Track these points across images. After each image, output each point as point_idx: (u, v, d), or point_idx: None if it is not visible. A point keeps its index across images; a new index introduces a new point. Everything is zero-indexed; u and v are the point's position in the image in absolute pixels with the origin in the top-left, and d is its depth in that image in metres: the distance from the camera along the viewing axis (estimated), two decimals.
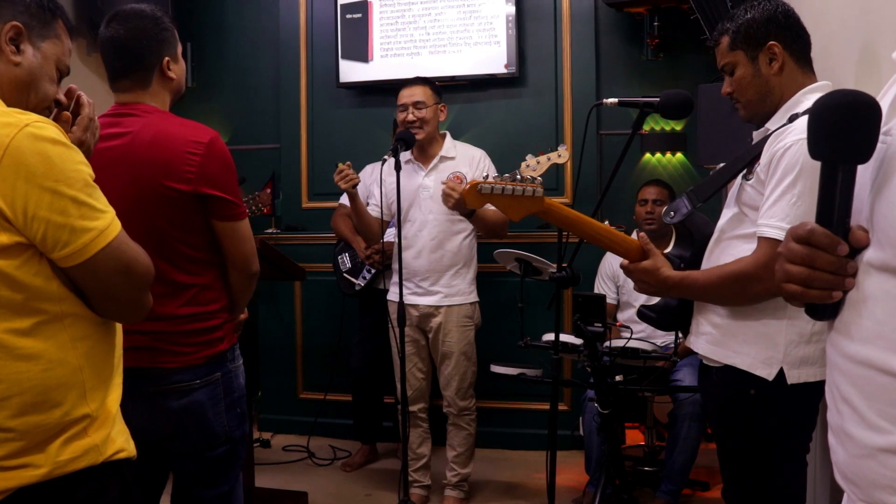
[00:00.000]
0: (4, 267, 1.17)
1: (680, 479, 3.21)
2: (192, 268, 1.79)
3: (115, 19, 1.81)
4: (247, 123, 4.62)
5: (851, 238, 0.88)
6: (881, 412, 0.85)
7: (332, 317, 4.11)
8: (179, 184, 1.73)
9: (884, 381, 0.85)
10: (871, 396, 0.86)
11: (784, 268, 0.92)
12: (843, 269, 0.88)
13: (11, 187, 1.15)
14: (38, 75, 1.34)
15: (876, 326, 0.86)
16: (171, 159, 1.73)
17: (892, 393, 0.84)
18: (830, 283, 0.89)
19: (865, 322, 0.87)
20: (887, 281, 0.84)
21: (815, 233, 0.88)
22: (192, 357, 1.79)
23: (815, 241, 0.88)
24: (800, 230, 0.90)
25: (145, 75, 1.82)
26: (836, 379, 0.93)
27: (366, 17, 4.21)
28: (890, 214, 0.83)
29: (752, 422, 1.77)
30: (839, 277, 0.89)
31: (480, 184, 1.83)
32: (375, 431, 3.97)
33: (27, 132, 1.17)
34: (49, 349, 1.23)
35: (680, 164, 4.08)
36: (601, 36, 4.10)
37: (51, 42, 1.37)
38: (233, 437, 1.88)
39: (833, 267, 0.88)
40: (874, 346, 0.86)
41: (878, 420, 0.85)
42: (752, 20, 1.78)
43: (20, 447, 1.20)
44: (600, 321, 2.68)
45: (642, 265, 1.83)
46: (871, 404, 0.86)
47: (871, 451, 0.86)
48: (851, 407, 0.89)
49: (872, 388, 0.86)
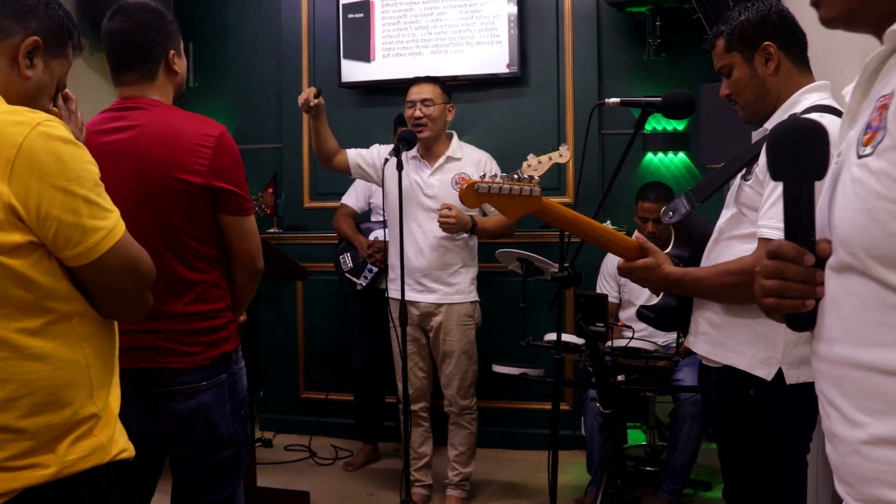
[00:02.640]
0: (17, 266, 1.18)
1: (681, 479, 3.22)
2: (200, 264, 1.79)
3: (119, 12, 1.81)
4: (249, 123, 4.62)
5: (817, 249, 0.96)
6: (859, 406, 0.89)
7: (333, 316, 4.12)
8: (192, 176, 1.73)
9: (857, 375, 0.89)
10: (848, 393, 0.91)
11: (759, 283, 0.99)
12: (812, 278, 0.95)
13: (25, 186, 1.16)
14: (42, 91, 1.37)
15: (843, 325, 0.91)
16: (182, 152, 1.73)
17: (866, 386, 0.88)
18: (801, 293, 0.96)
19: (835, 323, 0.93)
20: (847, 280, 0.90)
21: (782, 247, 0.97)
22: (199, 357, 1.78)
23: (783, 255, 0.96)
24: (770, 247, 0.98)
25: (151, 68, 1.82)
26: (821, 383, 0.97)
27: (367, 17, 4.21)
28: (840, 217, 0.91)
29: (752, 422, 1.77)
30: (810, 286, 0.96)
31: (478, 183, 1.83)
32: (377, 431, 3.97)
33: (39, 131, 1.18)
34: (58, 348, 1.23)
35: (682, 164, 4.07)
36: (603, 36, 4.10)
37: (59, 61, 1.39)
38: (237, 439, 1.87)
39: (802, 277, 0.96)
40: (844, 343, 0.91)
41: (858, 415, 0.89)
42: (747, 21, 1.79)
43: (29, 447, 1.21)
44: (602, 321, 2.68)
45: (643, 262, 1.83)
46: (850, 401, 0.90)
47: (856, 446, 0.89)
48: (835, 407, 0.93)
49: (848, 384, 0.91)
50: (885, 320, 0.86)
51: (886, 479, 0.86)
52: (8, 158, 1.15)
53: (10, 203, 1.15)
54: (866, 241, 0.87)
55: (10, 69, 1.31)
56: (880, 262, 0.86)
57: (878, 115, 0.87)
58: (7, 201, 1.15)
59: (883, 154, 0.85)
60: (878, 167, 0.85)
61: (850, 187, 0.90)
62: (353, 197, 3.91)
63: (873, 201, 0.85)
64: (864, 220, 0.87)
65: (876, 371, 0.87)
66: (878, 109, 0.88)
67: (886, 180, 0.84)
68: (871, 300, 0.88)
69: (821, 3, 1.00)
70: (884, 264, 0.86)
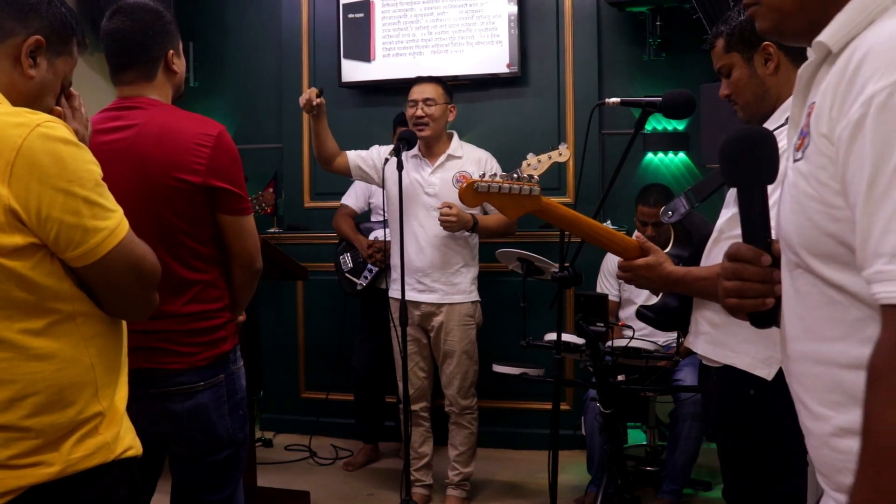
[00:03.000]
0: (18, 268, 1.18)
1: (682, 479, 3.21)
2: (197, 264, 1.79)
3: (118, 12, 1.81)
4: (249, 123, 4.62)
5: (773, 250, 1.02)
6: (821, 400, 0.93)
7: (334, 316, 4.11)
8: (190, 175, 1.73)
9: (817, 371, 0.93)
10: (811, 388, 0.95)
11: (721, 284, 1.05)
12: (770, 277, 1.01)
13: (25, 188, 1.16)
14: (46, 90, 1.36)
15: (801, 322, 0.95)
16: (181, 151, 1.73)
17: (825, 380, 0.92)
18: (760, 292, 1.02)
19: (794, 321, 0.97)
20: (797, 279, 0.95)
21: (740, 249, 1.03)
22: (196, 358, 1.78)
23: (741, 257, 1.03)
24: (729, 250, 1.05)
25: (150, 67, 1.82)
26: (790, 381, 1.01)
27: (368, 17, 4.21)
28: (783, 218, 0.96)
29: (752, 422, 1.77)
30: (768, 286, 1.01)
31: (477, 182, 1.83)
32: (377, 431, 3.97)
33: (39, 132, 1.18)
34: (62, 348, 1.23)
35: (682, 164, 4.07)
36: (603, 35, 4.10)
37: (63, 59, 1.38)
38: (236, 439, 1.87)
39: (759, 276, 1.02)
40: (803, 340, 0.95)
41: (820, 409, 0.93)
42: (746, 21, 1.78)
43: (34, 446, 1.21)
44: (602, 321, 2.68)
45: (643, 261, 1.82)
46: (813, 395, 0.94)
47: (824, 438, 0.92)
48: (802, 403, 0.97)
49: (810, 379, 0.95)
50: (834, 315, 0.89)
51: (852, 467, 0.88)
52: (8, 160, 1.15)
53: (10, 205, 1.15)
54: (805, 241, 0.91)
55: (13, 69, 1.31)
56: (819, 259, 0.89)
57: (807, 122, 0.91)
58: (7, 203, 1.15)
59: (810, 158, 0.89)
60: (807, 170, 0.89)
61: (788, 190, 0.95)
62: (352, 197, 3.91)
63: (806, 202, 0.89)
64: (801, 220, 0.91)
65: (832, 364, 0.90)
66: (807, 116, 0.92)
67: (814, 182, 0.88)
68: (818, 297, 0.91)
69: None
70: (822, 261, 0.89)
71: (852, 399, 0.86)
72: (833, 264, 0.88)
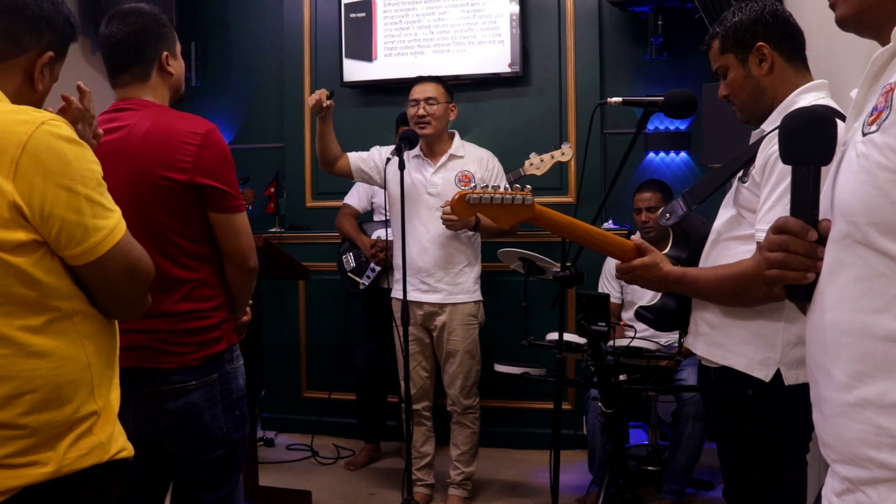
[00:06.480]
0: (20, 264, 1.19)
1: (683, 479, 3.21)
2: (189, 262, 1.79)
3: (114, 18, 1.84)
4: (251, 122, 4.63)
5: (820, 228, 1.03)
6: (847, 370, 0.95)
7: (336, 316, 4.12)
8: (175, 173, 1.73)
9: (848, 340, 0.95)
10: (839, 358, 0.97)
11: (764, 255, 1.07)
12: (814, 252, 1.02)
13: (29, 185, 1.17)
14: (45, 96, 1.39)
15: (839, 293, 0.98)
16: (167, 149, 1.74)
17: (855, 350, 0.94)
18: (804, 265, 1.03)
19: (830, 292, 0.99)
20: (844, 251, 0.97)
21: (788, 222, 1.04)
22: (188, 358, 1.78)
23: (788, 229, 1.03)
24: (777, 222, 1.05)
25: (144, 69, 1.84)
26: (813, 351, 1.04)
27: (369, 17, 4.22)
28: (843, 189, 0.98)
29: (751, 423, 1.77)
30: (811, 260, 1.02)
31: (468, 194, 1.83)
32: (379, 430, 3.97)
33: (44, 130, 1.20)
34: (60, 346, 1.24)
35: (684, 164, 4.07)
36: (605, 35, 4.10)
37: (60, 63, 1.42)
38: (231, 439, 1.87)
39: (805, 250, 1.02)
40: (838, 310, 0.97)
41: (846, 378, 0.95)
42: (740, 22, 1.78)
43: (30, 444, 1.21)
44: (604, 320, 2.68)
45: (641, 261, 1.83)
46: (840, 365, 0.96)
47: (843, 408, 0.95)
48: (825, 373, 0.99)
49: (840, 349, 0.97)
50: (876, 287, 0.92)
51: (867, 438, 0.92)
52: (13, 157, 1.16)
53: (14, 201, 1.17)
54: (868, 208, 0.93)
55: (22, 82, 1.34)
56: (878, 228, 0.92)
57: (885, 98, 0.94)
58: (11, 199, 1.16)
59: (888, 130, 0.91)
60: (883, 141, 0.92)
61: (854, 162, 0.96)
62: (355, 197, 3.91)
63: (877, 172, 0.92)
64: (868, 189, 0.93)
65: (867, 336, 0.93)
66: (885, 94, 0.95)
67: (889, 152, 0.91)
68: (865, 270, 0.94)
69: (837, 3, 1.06)
70: (881, 231, 0.92)
71: (882, 370, 0.91)
72: (893, 235, 0.91)
